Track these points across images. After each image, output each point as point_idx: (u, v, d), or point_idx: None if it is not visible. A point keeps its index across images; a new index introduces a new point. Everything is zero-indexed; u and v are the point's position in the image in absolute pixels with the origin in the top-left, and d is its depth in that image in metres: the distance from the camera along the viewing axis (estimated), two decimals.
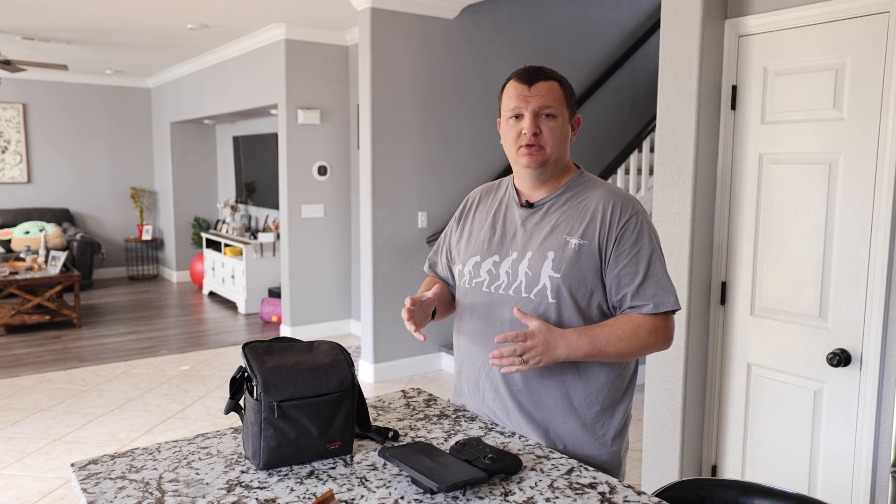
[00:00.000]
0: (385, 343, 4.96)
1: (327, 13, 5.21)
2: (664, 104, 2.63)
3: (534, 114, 1.53)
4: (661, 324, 1.52)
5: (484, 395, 1.65)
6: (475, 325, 1.64)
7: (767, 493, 1.37)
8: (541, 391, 1.57)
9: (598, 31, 5.81)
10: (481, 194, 1.77)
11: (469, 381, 1.69)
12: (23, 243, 7.86)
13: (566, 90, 1.58)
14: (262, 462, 1.38)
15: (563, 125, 1.56)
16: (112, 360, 5.45)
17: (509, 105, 1.56)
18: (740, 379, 2.59)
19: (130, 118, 9.10)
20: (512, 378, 1.58)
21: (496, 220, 1.66)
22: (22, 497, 3.26)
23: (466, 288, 1.66)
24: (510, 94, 1.57)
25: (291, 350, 1.50)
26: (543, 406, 1.57)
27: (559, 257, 1.53)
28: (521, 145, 1.55)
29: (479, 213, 1.72)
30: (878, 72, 2.15)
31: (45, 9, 5.02)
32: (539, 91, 1.53)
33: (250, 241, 7.21)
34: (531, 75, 1.56)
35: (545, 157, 1.55)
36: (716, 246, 2.64)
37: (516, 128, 1.56)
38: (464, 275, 1.67)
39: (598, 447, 1.58)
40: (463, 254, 1.69)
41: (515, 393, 1.59)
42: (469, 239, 1.70)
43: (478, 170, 5.23)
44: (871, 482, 2.24)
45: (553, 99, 1.54)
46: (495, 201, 1.70)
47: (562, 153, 1.58)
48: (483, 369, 1.64)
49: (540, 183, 1.60)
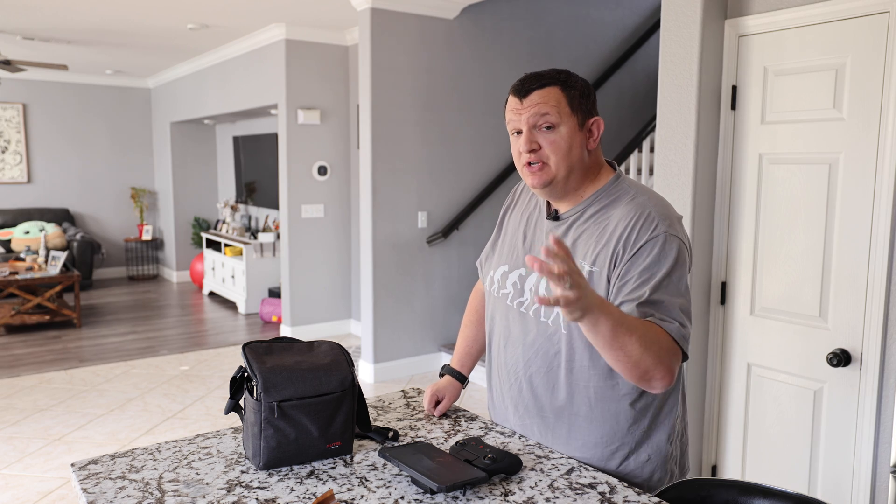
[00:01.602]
0: (385, 343, 4.96)
1: (327, 13, 5.21)
2: (664, 104, 2.63)
3: (529, 128, 1.39)
4: (675, 350, 1.29)
5: (508, 409, 1.59)
6: (499, 338, 1.58)
7: (767, 493, 1.37)
8: (555, 421, 1.49)
9: (598, 31, 5.81)
10: (522, 190, 1.64)
11: (497, 391, 1.63)
12: (23, 243, 7.86)
13: (571, 93, 1.39)
14: (262, 462, 1.38)
15: (568, 135, 1.38)
16: (112, 360, 5.45)
17: (508, 121, 1.44)
18: (740, 379, 2.59)
19: (130, 118, 9.10)
20: (528, 402, 1.51)
21: (528, 227, 1.55)
22: (22, 497, 3.26)
23: (494, 297, 1.59)
24: (508, 110, 1.44)
25: (291, 350, 1.50)
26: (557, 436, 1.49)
27: None
28: (523, 164, 1.42)
29: (516, 212, 1.62)
30: (878, 72, 2.15)
31: (45, 9, 5.02)
32: (532, 102, 1.38)
33: (250, 241, 7.21)
34: (524, 86, 1.40)
35: (550, 176, 1.39)
36: (716, 246, 2.64)
37: (517, 144, 1.42)
38: (494, 282, 1.59)
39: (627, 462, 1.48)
40: (496, 258, 1.61)
41: (533, 415, 1.52)
42: (503, 242, 1.61)
43: (478, 170, 5.23)
44: (871, 482, 2.24)
45: (551, 107, 1.37)
46: (531, 203, 1.59)
47: (572, 167, 1.40)
48: (504, 387, 1.58)
49: (557, 199, 1.47)
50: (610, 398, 1.43)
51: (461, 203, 5.17)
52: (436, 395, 1.71)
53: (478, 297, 1.79)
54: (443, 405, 1.71)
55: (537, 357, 1.47)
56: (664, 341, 1.28)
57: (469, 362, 1.78)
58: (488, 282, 1.61)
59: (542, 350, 1.46)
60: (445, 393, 1.72)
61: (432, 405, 1.71)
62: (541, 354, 1.46)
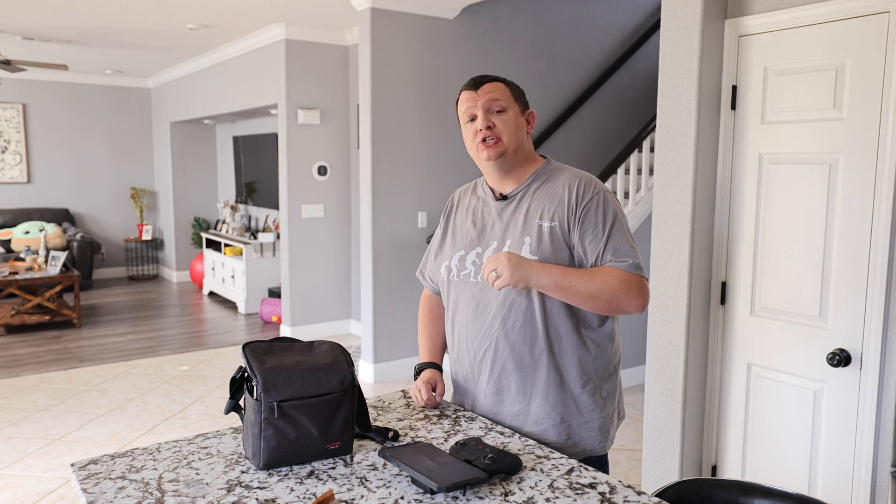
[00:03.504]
0: (385, 343, 4.96)
1: (327, 13, 5.21)
2: (664, 104, 2.63)
3: (485, 110, 1.66)
4: (633, 279, 1.58)
5: (479, 378, 1.72)
6: (467, 314, 1.71)
7: (767, 494, 1.37)
8: (533, 369, 1.65)
9: (598, 31, 5.81)
10: (460, 195, 1.88)
11: (465, 370, 1.76)
12: (23, 243, 7.86)
13: (513, 88, 1.71)
14: (262, 462, 1.38)
15: (515, 117, 1.68)
16: (112, 360, 5.45)
17: (463, 110, 1.70)
18: (740, 379, 2.59)
19: (130, 118, 9.10)
20: (505, 359, 1.66)
21: (475, 216, 1.77)
22: (22, 497, 3.26)
23: (454, 281, 1.75)
24: (462, 102, 1.70)
25: (291, 350, 1.50)
26: (536, 382, 1.65)
27: (535, 241, 1.63)
28: (479, 141, 1.67)
29: (459, 212, 1.83)
30: (878, 72, 2.15)
31: (45, 9, 5.02)
32: (486, 90, 1.67)
33: (250, 241, 7.21)
34: (476, 81, 1.69)
35: (503, 148, 1.66)
36: (716, 246, 2.64)
37: (472, 128, 1.68)
38: (451, 269, 1.75)
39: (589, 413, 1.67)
40: (448, 250, 1.79)
41: (510, 370, 1.66)
42: (453, 236, 1.80)
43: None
44: (871, 482, 2.24)
45: (500, 94, 1.67)
46: (473, 199, 1.81)
47: (519, 143, 1.69)
48: (478, 352, 1.70)
49: (504, 174, 1.71)
50: (577, 334, 1.65)
51: None
52: (429, 383, 1.78)
53: (428, 300, 1.95)
54: (440, 388, 1.79)
55: (511, 312, 1.64)
56: (616, 276, 1.57)
57: (439, 354, 1.90)
58: (444, 271, 1.78)
59: (516, 304, 1.64)
60: (437, 380, 1.80)
61: (429, 391, 1.77)
62: (514, 308, 1.64)
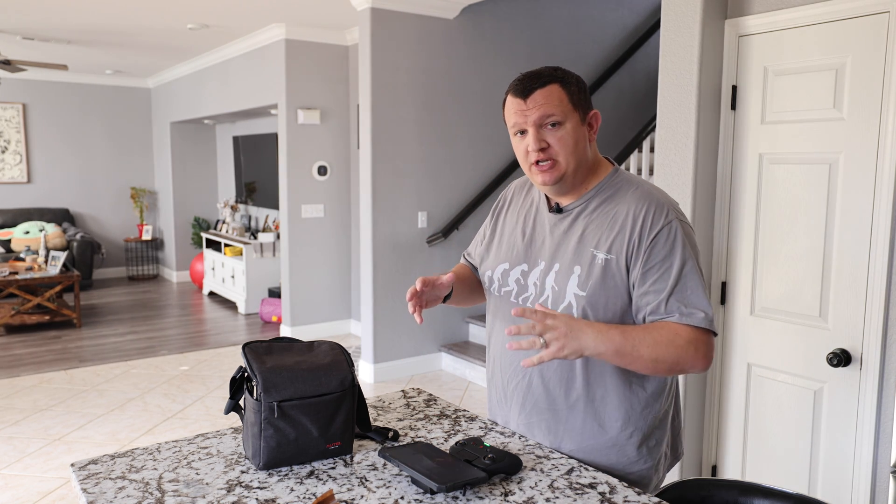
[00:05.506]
0: (385, 343, 4.96)
1: (327, 13, 5.21)
2: (664, 104, 2.63)
3: (536, 127, 1.41)
4: (700, 337, 1.36)
5: (511, 408, 1.58)
6: (503, 337, 1.56)
7: (767, 494, 1.37)
8: (567, 414, 1.49)
9: (597, 30, 5.81)
10: (515, 191, 1.67)
11: (498, 391, 1.62)
12: (23, 243, 7.86)
13: (570, 89, 1.43)
14: (262, 462, 1.38)
15: (574, 130, 1.42)
16: (112, 360, 5.45)
17: (510, 122, 1.46)
18: (740, 379, 2.59)
19: (130, 118, 9.10)
20: (537, 398, 1.51)
21: (526, 224, 1.58)
22: (22, 497, 3.26)
23: (496, 296, 1.60)
24: (509, 111, 1.46)
25: (291, 350, 1.50)
26: (570, 428, 1.49)
27: (585, 273, 1.43)
28: (531, 163, 1.44)
29: (510, 213, 1.64)
30: (878, 72, 2.15)
31: (45, 9, 5.02)
32: (536, 102, 1.41)
33: (250, 241, 7.21)
34: (525, 86, 1.43)
35: (560, 172, 1.43)
36: (716, 246, 2.64)
37: (523, 144, 1.45)
38: (493, 281, 1.59)
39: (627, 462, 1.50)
40: (493, 258, 1.62)
41: (542, 410, 1.51)
42: (500, 242, 1.62)
43: (477, 170, 5.23)
44: (871, 482, 2.24)
45: (554, 105, 1.40)
46: (527, 202, 1.61)
47: (580, 161, 1.45)
48: (510, 383, 1.57)
49: (562, 194, 1.50)
50: (626, 382, 1.47)
51: (461, 203, 5.17)
52: (427, 280, 1.53)
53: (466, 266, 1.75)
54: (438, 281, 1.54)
55: None
56: (684, 335, 1.35)
57: (460, 278, 1.66)
58: (486, 281, 1.63)
59: None
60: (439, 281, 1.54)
61: (423, 284, 1.51)
62: None
